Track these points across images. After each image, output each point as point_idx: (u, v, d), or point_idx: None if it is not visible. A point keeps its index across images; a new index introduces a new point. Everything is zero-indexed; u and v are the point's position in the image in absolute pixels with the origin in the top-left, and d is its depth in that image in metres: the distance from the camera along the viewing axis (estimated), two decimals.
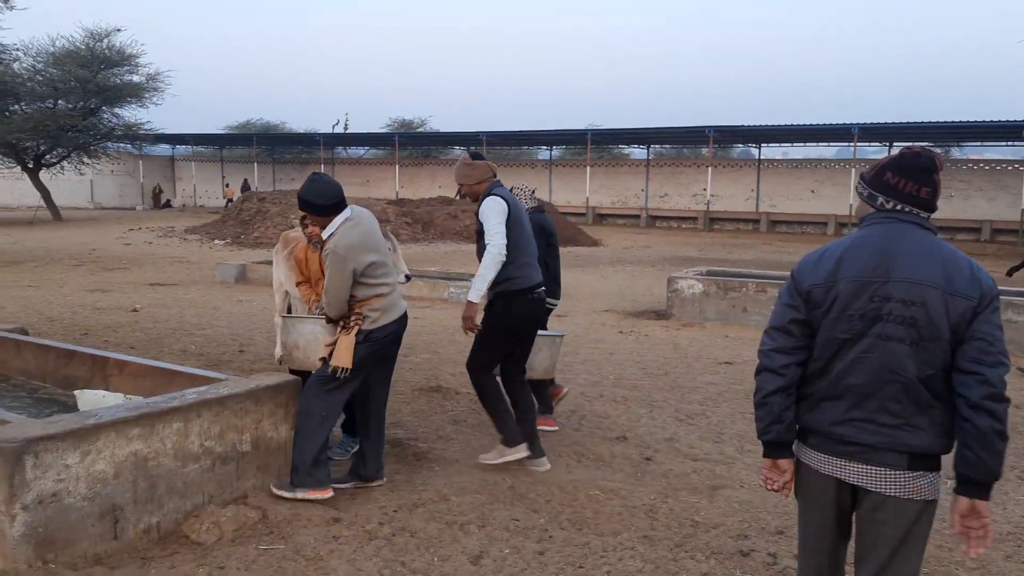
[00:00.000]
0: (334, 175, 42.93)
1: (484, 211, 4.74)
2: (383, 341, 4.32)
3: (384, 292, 4.31)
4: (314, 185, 4.31)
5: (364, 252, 4.20)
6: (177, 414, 3.84)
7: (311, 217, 4.42)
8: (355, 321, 4.25)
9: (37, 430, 3.42)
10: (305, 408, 4.24)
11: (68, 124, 29.48)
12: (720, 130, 29.57)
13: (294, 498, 4.11)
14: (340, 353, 4.20)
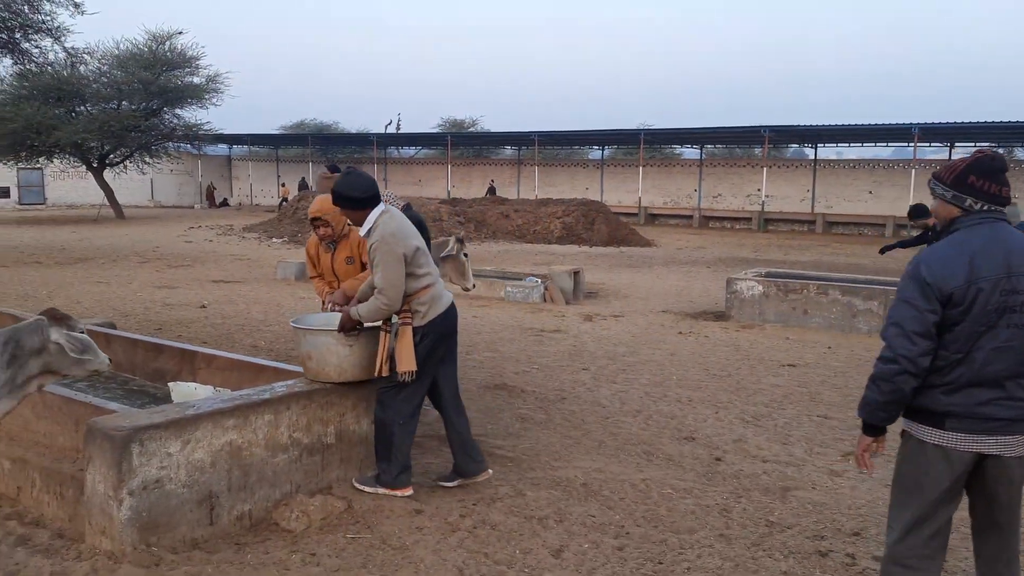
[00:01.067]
0: (387, 175, 43.45)
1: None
2: (439, 332, 4.29)
3: (430, 283, 4.28)
4: (348, 178, 4.29)
5: (409, 237, 4.22)
6: (268, 406, 3.99)
7: (347, 213, 4.33)
8: (404, 320, 4.23)
9: (143, 419, 3.60)
10: (382, 420, 4.27)
11: (131, 124, 30.33)
12: (776, 130, 29.17)
13: (374, 491, 4.23)
14: (402, 357, 4.18)
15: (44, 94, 29.52)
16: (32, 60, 19.26)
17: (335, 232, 4.93)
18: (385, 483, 4.26)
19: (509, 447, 5.36)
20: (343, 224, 4.96)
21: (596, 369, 7.93)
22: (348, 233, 5.03)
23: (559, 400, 6.67)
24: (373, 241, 4.17)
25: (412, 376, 4.20)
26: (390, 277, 4.11)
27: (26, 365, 3.35)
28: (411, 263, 4.18)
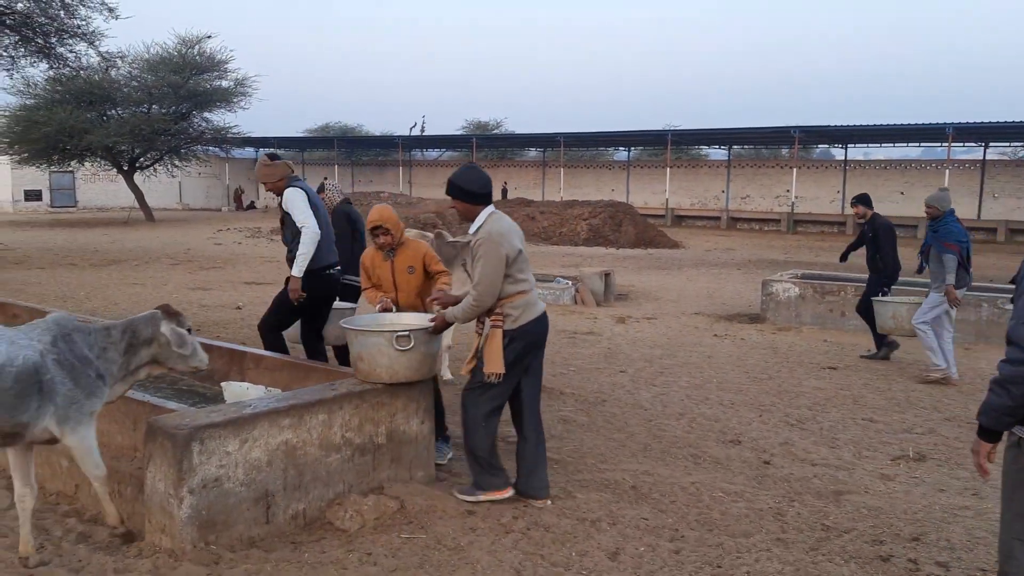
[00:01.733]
0: (411, 177, 43.60)
1: (289, 200, 5.41)
2: (528, 340, 4.28)
3: (526, 289, 4.29)
4: (469, 172, 4.35)
5: (514, 239, 4.25)
6: (322, 406, 4.00)
7: (460, 204, 4.35)
8: (494, 322, 4.23)
9: (202, 418, 3.62)
10: (468, 421, 4.30)
11: (161, 128, 30.68)
12: (806, 130, 28.89)
13: (475, 499, 4.22)
14: (490, 359, 4.19)
15: (76, 98, 29.93)
16: (67, 64, 19.52)
17: (394, 240, 4.91)
18: (484, 487, 4.27)
19: (554, 449, 5.33)
20: (401, 232, 4.95)
21: (634, 372, 7.89)
22: (406, 242, 5.00)
23: (600, 402, 6.64)
24: (479, 237, 4.20)
25: (499, 378, 4.19)
26: (488, 275, 4.13)
27: (139, 353, 3.68)
28: (511, 266, 4.20)
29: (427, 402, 4.49)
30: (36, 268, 16.33)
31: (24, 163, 32.40)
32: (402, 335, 4.19)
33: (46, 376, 3.35)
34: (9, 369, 3.24)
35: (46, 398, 3.35)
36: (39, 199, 39.72)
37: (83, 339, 3.55)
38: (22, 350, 3.33)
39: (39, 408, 3.33)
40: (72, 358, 3.46)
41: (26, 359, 3.31)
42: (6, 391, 3.22)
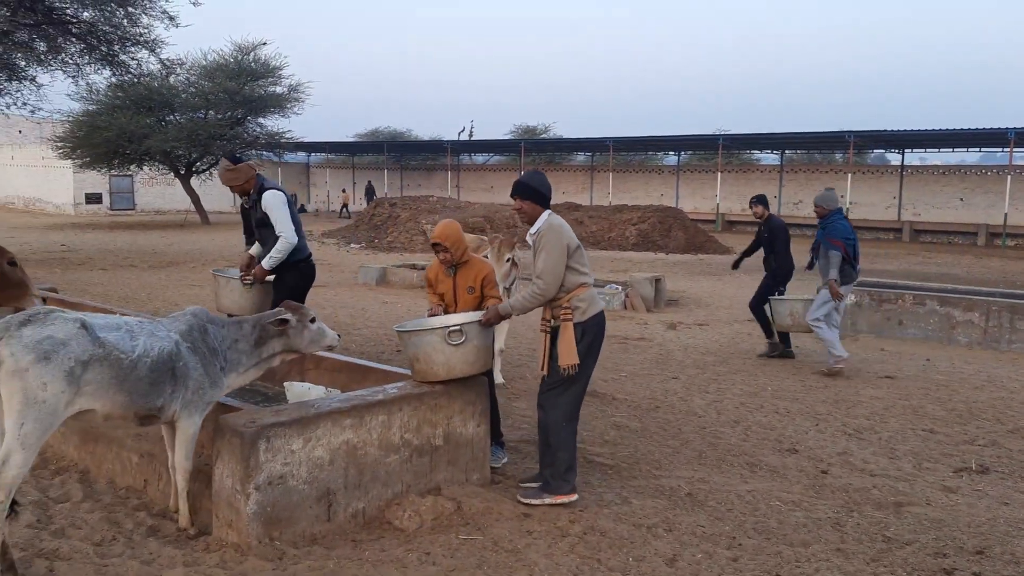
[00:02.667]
0: (459, 181, 43.88)
1: (270, 204, 5.65)
2: (596, 332, 4.42)
3: (589, 281, 4.46)
4: (539, 176, 4.59)
5: (572, 235, 4.43)
6: (382, 407, 4.07)
7: (528, 205, 4.48)
8: (564, 316, 4.33)
9: (269, 417, 3.72)
10: (546, 423, 4.38)
11: (217, 133, 31.36)
12: (861, 135, 28.34)
13: (542, 504, 4.27)
14: (565, 352, 4.28)
15: (136, 104, 30.76)
16: (129, 71, 20.07)
17: (453, 257, 4.96)
18: (553, 490, 4.32)
19: (608, 454, 5.34)
20: (462, 250, 4.99)
21: (686, 378, 7.84)
22: (468, 260, 5.05)
23: (653, 409, 6.62)
24: (541, 230, 4.36)
25: (575, 369, 4.29)
26: (552, 263, 4.29)
27: (270, 343, 4.09)
28: (573, 258, 4.37)
29: (483, 405, 4.54)
30: (98, 269, 16.83)
31: (86, 167, 33.40)
32: (454, 330, 4.27)
33: (179, 363, 3.69)
34: (145, 360, 3.56)
35: (179, 383, 3.69)
36: (99, 202, 40.89)
37: (215, 331, 3.96)
38: (159, 341, 3.66)
39: (172, 392, 3.67)
40: (204, 348, 3.83)
41: (161, 349, 3.63)
42: (141, 380, 3.54)
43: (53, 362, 3.26)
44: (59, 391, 3.27)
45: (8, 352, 3.23)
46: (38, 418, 3.24)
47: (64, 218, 36.07)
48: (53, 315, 3.42)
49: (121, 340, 3.51)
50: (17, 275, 5.26)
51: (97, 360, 3.39)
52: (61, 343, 3.31)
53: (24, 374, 3.21)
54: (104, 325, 3.54)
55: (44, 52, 19.03)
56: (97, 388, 3.40)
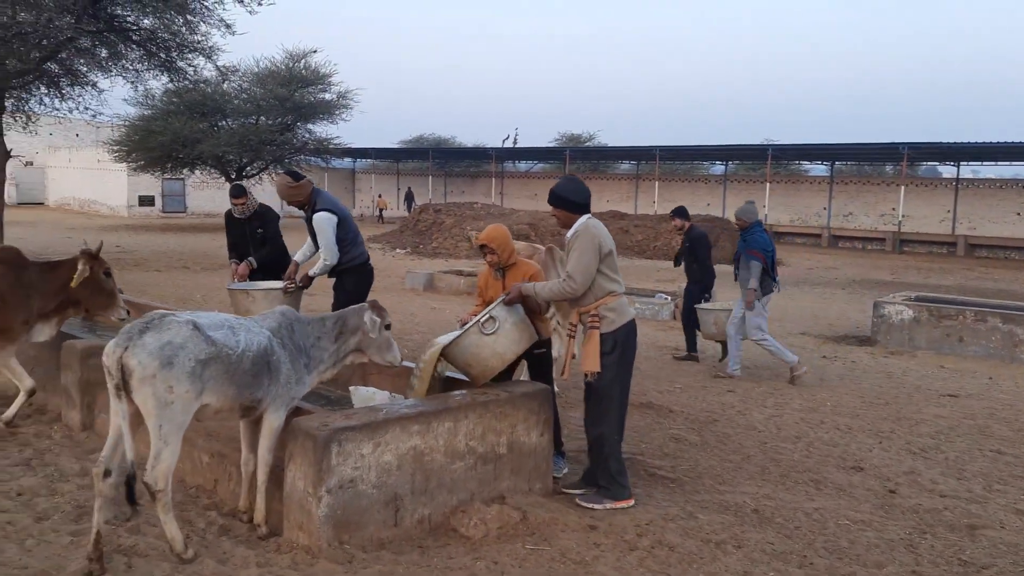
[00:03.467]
0: (503, 188, 43.97)
1: (319, 226, 5.90)
2: (626, 342, 4.48)
3: (618, 290, 4.50)
4: (571, 183, 4.63)
5: (607, 239, 4.47)
6: (449, 414, 4.08)
7: (560, 213, 4.57)
8: (592, 324, 4.40)
9: (340, 421, 3.75)
10: (596, 436, 4.46)
11: (268, 139, 31.85)
12: (916, 147, 27.74)
13: (603, 508, 4.32)
14: (587, 358, 4.37)
15: (190, 109, 31.39)
16: (186, 77, 20.47)
17: (500, 260, 4.99)
18: (614, 496, 4.38)
19: (668, 468, 5.28)
20: (509, 253, 5.02)
21: (742, 391, 7.74)
22: (516, 263, 5.07)
23: (710, 422, 6.53)
24: (576, 230, 4.41)
25: (595, 377, 4.37)
26: (583, 263, 4.34)
27: (347, 341, 4.19)
28: (606, 262, 4.41)
29: (547, 414, 4.52)
30: (153, 270, 17.19)
31: (140, 170, 34.18)
32: (485, 320, 4.32)
33: (273, 357, 3.85)
34: (248, 353, 3.73)
35: (273, 377, 3.84)
36: (152, 204, 41.78)
37: (301, 329, 4.07)
38: (256, 336, 3.82)
39: (269, 385, 3.83)
40: (291, 345, 3.97)
41: (259, 344, 3.80)
42: (246, 372, 3.71)
43: (176, 366, 3.46)
44: (184, 391, 3.49)
45: (136, 361, 3.43)
46: (171, 418, 3.49)
47: (118, 219, 36.95)
48: (167, 319, 3.55)
49: (227, 337, 3.69)
50: (110, 285, 5.45)
51: (212, 358, 3.59)
52: (180, 346, 3.50)
53: (152, 380, 3.43)
54: (210, 324, 3.70)
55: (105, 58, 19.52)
56: (214, 383, 3.60)
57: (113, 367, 3.45)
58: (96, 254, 5.38)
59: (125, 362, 3.43)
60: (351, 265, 6.18)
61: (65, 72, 19.47)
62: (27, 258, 5.44)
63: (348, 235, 6.20)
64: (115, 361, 3.44)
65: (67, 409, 5.40)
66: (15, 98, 19.64)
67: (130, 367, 3.43)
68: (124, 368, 3.43)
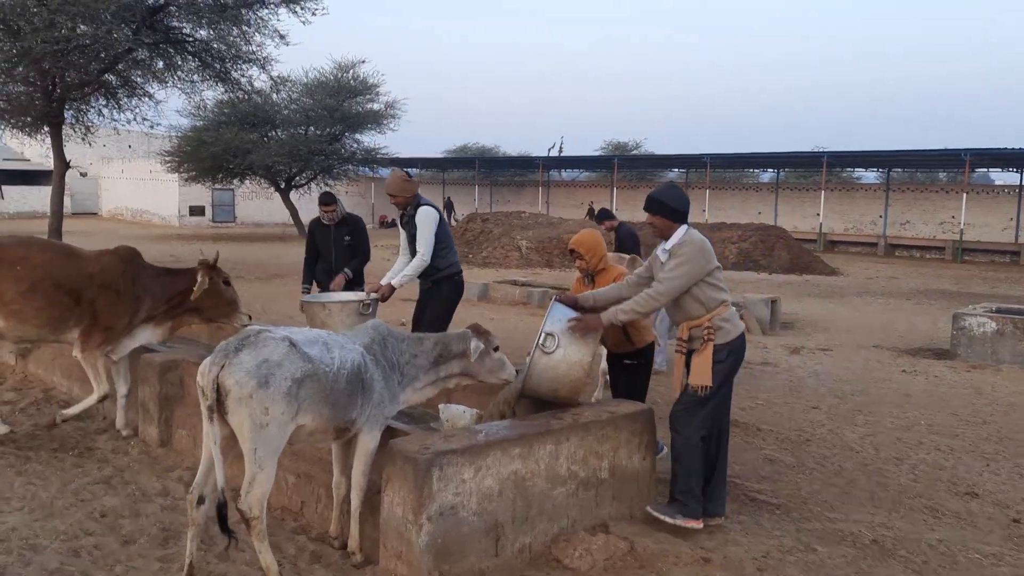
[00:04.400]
0: (549, 197, 43.72)
1: (421, 219, 5.78)
2: (738, 356, 4.26)
3: (728, 299, 4.27)
4: (673, 190, 4.41)
5: (712, 255, 4.26)
6: (550, 437, 3.83)
7: (659, 220, 4.31)
8: (708, 336, 4.13)
9: (441, 444, 3.52)
10: (679, 446, 4.19)
11: (317, 149, 32.06)
12: (979, 153, 26.87)
13: (673, 522, 4.06)
14: (699, 371, 4.12)
15: (241, 120, 31.74)
16: (240, 88, 20.62)
17: (589, 265, 4.82)
18: (685, 513, 4.11)
19: (769, 491, 4.97)
20: (600, 258, 4.85)
21: (828, 408, 7.37)
22: (607, 269, 4.87)
23: (803, 441, 6.19)
24: (681, 240, 4.19)
25: (706, 391, 4.11)
26: (683, 272, 4.10)
27: (448, 364, 4.03)
28: (713, 274, 4.20)
29: (650, 436, 4.26)
30: None
31: (192, 180, 34.63)
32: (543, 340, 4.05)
33: (367, 375, 3.65)
34: (343, 372, 3.52)
35: (367, 395, 3.64)
36: (202, 214, 42.35)
37: (395, 345, 3.89)
38: (350, 353, 3.62)
39: (362, 405, 3.63)
40: (384, 361, 3.78)
41: (353, 361, 3.60)
42: (341, 392, 3.52)
43: (272, 385, 3.28)
44: (280, 412, 3.30)
45: (232, 381, 3.25)
46: (267, 441, 3.30)
47: (169, 229, 37.48)
48: (263, 336, 3.39)
49: (322, 354, 3.51)
50: (231, 293, 5.44)
51: (308, 376, 3.39)
52: (277, 364, 3.31)
53: (249, 401, 3.24)
54: (305, 340, 3.52)
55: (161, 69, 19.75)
56: (310, 404, 3.41)
57: (208, 387, 3.27)
58: (214, 264, 5.38)
59: (221, 382, 3.26)
60: (448, 272, 6.06)
61: (123, 83, 19.76)
62: (144, 260, 5.41)
63: (447, 240, 6.09)
64: (211, 381, 3.27)
65: (144, 424, 5.27)
66: (75, 109, 19.99)
67: (226, 387, 3.25)
68: (220, 388, 3.26)
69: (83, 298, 5.06)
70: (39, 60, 15.77)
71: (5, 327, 5.00)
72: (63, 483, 4.45)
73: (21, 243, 5.13)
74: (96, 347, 5.12)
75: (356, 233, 7.15)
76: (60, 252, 5.18)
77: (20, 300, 4.91)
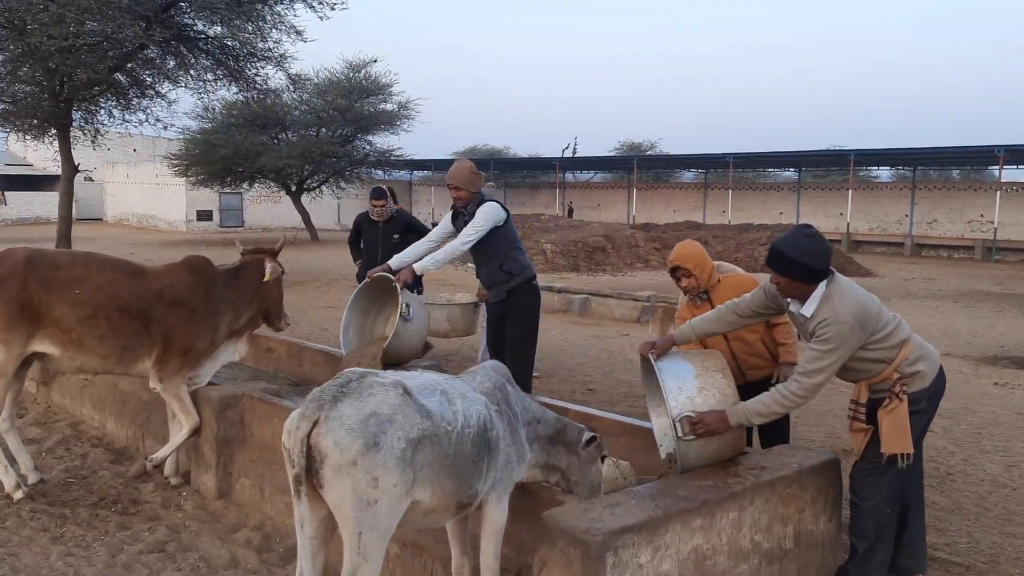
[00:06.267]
0: (564, 198, 42.93)
1: (485, 210, 4.93)
2: (938, 393, 3.42)
3: (905, 336, 3.33)
4: (806, 240, 3.28)
5: (869, 316, 3.25)
6: (733, 502, 3.04)
7: (785, 281, 3.29)
8: (901, 390, 3.24)
9: (611, 519, 2.72)
10: (861, 510, 3.36)
11: (329, 151, 31.28)
12: (1013, 150, 26.04)
13: None
14: (893, 436, 3.21)
15: (250, 122, 30.97)
16: (255, 87, 19.85)
17: (700, 282, 3.99)
18: None
19: (943, 545, 4.18)
20: (710, 272, 4.02)
21: (942, 431, 6.57)
22: (721, 281, 4.06)
23: (944, 476, 5.39)
24: (827, 318, 3.20)
25: (910, 459, 3.24)
26: (836, 359, 3.20)
27: (558, 450, 3.28)
28: (872, 327, 3.25)
29: (836, 492, 3.46)
30: None
31: (200, 184, 33.86)
32: (680, 422, 3.27)
33: (492, 432, 2.92)
34: (468, 430, 2.79)
35: (492, 458, 2.91)
36: (210, 219, 41.61)
37: (514, 394, 3.19)
38: (472, 405, 2.89)
39: (487, 470, 2.89)
40: (509, 412, 3.08)
41: (479, 415, 2.88)
42: (466, 456, 2.75)
43: (383, 448, 2.46)
44: (392, 484, 2.49)
45: (331, 442, 2.42)
46: (375, 524, 2.47)
47: (177, 235, 36.73)
48: (368, 380, 2.57)
49: (442, 407, 2.73)
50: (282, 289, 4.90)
51: (427, 437, 2.60)
52: (388, 420, 2.50)
53: (352, 469, 2.42)
54: (420, 387, 2.72)
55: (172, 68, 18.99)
56: (428, 473, 2.64)
57: (296, 450, 2.46)
58: (277, 253, 4.82)
59: (316, 443, 2.45)
60: (524, 277, 5.14)
61: (133, 83, 18.98)
62: (216, 267, 4.72)
63: (516, 240, 5.21)
64: (300, 441, 2.46)
65: (198, 472, 4.47)
66: (83, 111, 19.21)
67: (323, 449, 2.44)
68: (313, 451, 2.45)
69: (152, 320, 4.32)
70: (46, 59, 14.99)
71: (63, 356, 4.25)
72: (110, 554, 3.65)
73: (78, 261, 4.39)
74: (176, 374, 4.36)
75: (408, 230, 6.68)
76: (123, 270, 4.43)
77: (79, 327, 4.16)
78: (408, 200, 50.58)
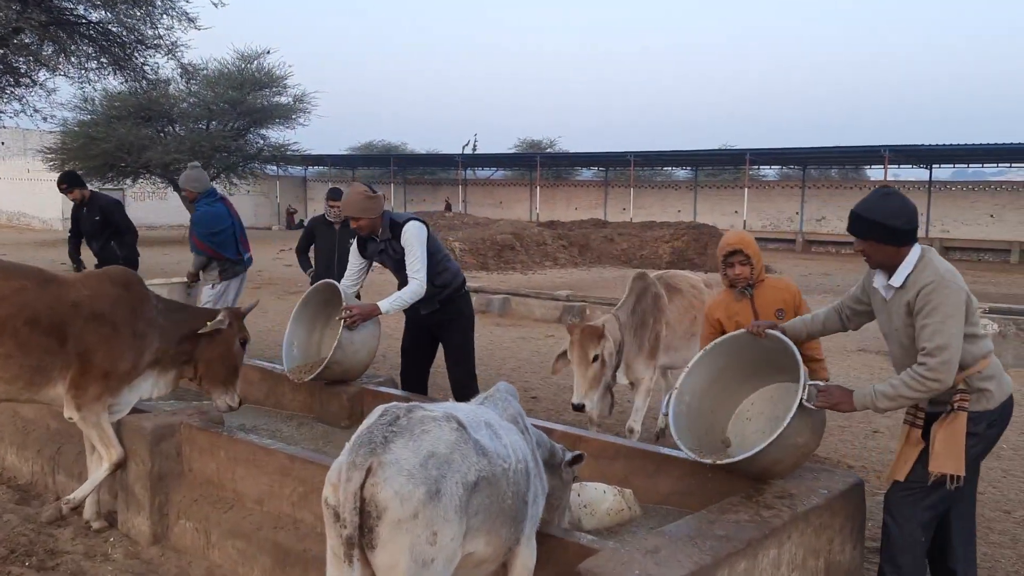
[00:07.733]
0: (467, 196, 42.55)
1: (409, 238, 4.70)
2: (1001, 425, 3.14)
3: (990, 349, 3.09)
4: (891, 200, 3.04)
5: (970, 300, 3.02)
6: (773, 539, 2.78)
7: (873, 247, 3.05)
8: (961, 401, 3.00)
9: (654, 567, 2.38)
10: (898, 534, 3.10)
11: (220, 145, 29.86)
12: (897, 150, 27.45)
13: None
14: (944, 453, 2.96)
15: (134, 114, 29.19)
16: (144, 77, 18.57)
17: (753, 272, 3.77)
18: None
19: None
20: (761, 264, 3.80)
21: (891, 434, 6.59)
22: (764, 279, 3.86)
23: None
24: (929, 281, 2.92)
25: (959, 481, 2.96)
26: (952, 331, 2.87)
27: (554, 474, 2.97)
28: (970, 317, 2.99)
29: (861, 518, 3.23)
30: None
31: None
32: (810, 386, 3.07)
33: (531, 465, 2.55)
34: (520, 467, 2.41)
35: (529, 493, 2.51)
36: None
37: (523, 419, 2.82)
38: (514, 436, 2.51)
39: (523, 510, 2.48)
40: (531, 441, 2.72)
41: (522, 448, 2.50)
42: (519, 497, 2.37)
43: (444, 496, 2.06)
44: (450, 539, 2.08)
45: (391, 492, 2.00)
46: None
47: (52, 234, 34.26)
48: (417, 415, 2.15)
49: (494, 442, 2.34)
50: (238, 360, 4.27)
51: (484, 479, 2.25)
52: (446, 461, 2.10)
53: (413, 524, 2.00)
54: (471, 422, 2.31)
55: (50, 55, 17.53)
56: (483, 520, 2.26)
57: (349, 506, 2.01)
58: (243, 316, 4.24)
59: (372, 495, 2.01)
60: (457, 285, 5.03)
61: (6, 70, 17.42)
62: (146, 287, 4.15)
63: (441, 250, 5.02)
64: (353, 495, 2.01)
65: (128, 513, 3.86)
66: None
67: (380, 502, 2.01)
68: (368, 505, 2.01)
69: (68, 336, 3.69)
70: None
71: None
72: None
73: None
74: (95, 400, 3.73)
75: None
76: (32, 277, 3.78)
77: None
78: (303, 196, 49.02)
